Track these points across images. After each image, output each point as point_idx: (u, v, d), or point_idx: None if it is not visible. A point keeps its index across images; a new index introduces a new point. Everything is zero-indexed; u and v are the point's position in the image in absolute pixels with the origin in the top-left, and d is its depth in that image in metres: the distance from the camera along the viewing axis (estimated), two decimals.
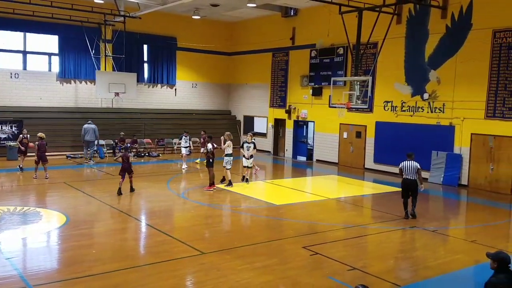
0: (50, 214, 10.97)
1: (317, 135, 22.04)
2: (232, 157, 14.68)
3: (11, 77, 21.05)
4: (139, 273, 7.52)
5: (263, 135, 24.99)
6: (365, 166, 19.69)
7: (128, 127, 23.07)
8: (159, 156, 22.12)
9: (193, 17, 22.86)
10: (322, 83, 21.37)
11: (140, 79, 23.89)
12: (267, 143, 24.85)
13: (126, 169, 13.32)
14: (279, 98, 24.18)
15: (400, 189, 11.86)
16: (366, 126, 19.66)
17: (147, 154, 22.21)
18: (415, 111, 17.75)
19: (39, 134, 15.66)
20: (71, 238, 9.28)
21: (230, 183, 14.55)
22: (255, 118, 25.93)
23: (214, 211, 11.92)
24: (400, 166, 11.53)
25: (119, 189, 13.15)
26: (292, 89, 23.39)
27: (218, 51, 26.71)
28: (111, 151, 21.69)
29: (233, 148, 15.23)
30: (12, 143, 19.24)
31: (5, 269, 7.40)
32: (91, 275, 7.27)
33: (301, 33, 22.60)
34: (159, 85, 25.34)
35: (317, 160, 21.96)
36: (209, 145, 14.31)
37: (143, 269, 7.70)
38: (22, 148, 16.71)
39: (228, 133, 15.25)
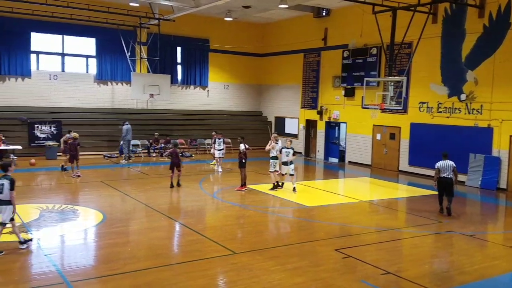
0: (88, 212, 11.30)
1: (349, 136, 21.78)
2: (277, 160, 14.34)
3: (50, 79, 21.82)
4: (171, 271, 7.63)
5: (294, 136, 24.90)
6: (399, 169, 19.30)
7: (162, 127, 23.49)
8: (192, 156, 22.40)
9: (225, 19, 23.06)
10: (355, 84, 21.11)
11: (173, 81, 24.29)
12: (298, 145, 24.73)
13: (175, 164, 14.34)
14: (310, 99, 24.05)
15: (436, 193, 11.97)
16: (400, 127, 19.28)
17: (180, 154, 22.47)
18: (452, 113, 17.27)
19: (73, 134, 16.22)
20: (107, 235, 9.53)
21: (276, 186, 14.30)
22: (286, 119, 25.89)
23: (245, 212, 11.96)
24: (437, 165, 11.92)
25: (171, 183, 14.24)
26: (323, 90, 23.22)
27: (250, 53, 26.83)
28: (146, 151, 22.15)
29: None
30: (51, 143, 19.92)
31: (43, 265, 7.66)
32: (125, 272, 7.44)
33: (333, 33, 22.40)
34: (192, 87, 25.69)
35: (350, 162, 21.70)
36: (242, 146, 14.37)
37: (175, 268, 7.81)
38: (65, 147, 16.95)
39: (275, 134, 15.22)
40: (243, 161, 14.24)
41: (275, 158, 14.31)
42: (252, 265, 7.86)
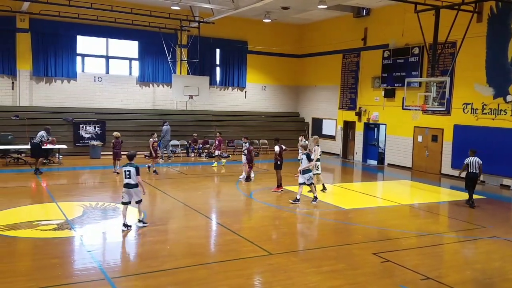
0: (128, 210, 11.57)
1: (389, 138, 21.33)
2: (319, 162, 14.27)
3: (94, 81, 22.63)
4: (208, 270, 7.74)
5: (332, 137, 24.66)
6: (442, 172, 18.71)
7: (201, 128, 23.86)
8: (229, 157, 22.58)
9: (263, 20, 23.14)
10: (395, 84, 20.66)
11: (212, 82, 24.62)
12: (336, 146, 24.49)
13: (248, 161, 15.63)
14: (349, 100, 23.74)
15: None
16: (443, 129, 18.70)
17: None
18: (497, 114, 16.59)
19: (115, 133, 16.80)
20: (147, 233, 9.77)
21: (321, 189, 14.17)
22: (323, 120, 25.67)
23: (281, 213, 11.96)
24: (466, 161, 13.03)
25: (248, 176, 15.78)
26: (362, 91, 22.86)
27: (288, 54, 26.80)
28: (185, 151, 22.58)
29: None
30: (95, 143, 20.65)
31: (86, 261, 7.93)
32: (164, 270, 7.60)
33: (374, 33, 22.03)
34: (230, 88, 25.96)
35: (389, 164, 21.25)
36: (277, 147, 14.38)
37: (211, 267, 7.92)
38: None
39: (316, 136, 15.18)
40: (279, 162, 14.24)
41: (317, 160, 13.93)
42: (287, 267, 7.86)
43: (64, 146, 19.41)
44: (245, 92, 26.38)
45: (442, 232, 10.64)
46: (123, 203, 9.89)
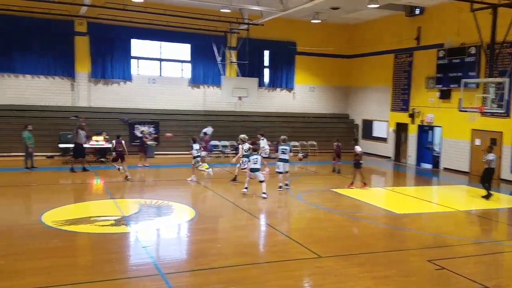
0: (181, 208, 11.94)
1: (445, 141, 20.54)
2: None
3: (148, 83, 23.40)
4: (257, 270, 7.80)
5: (383, 140, 24.08)
6: (501, 177, 17.80)
7: (249, 129, 23.98)
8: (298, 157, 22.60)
9: (312, 21, 22.99)
10: (451, 85, 19.87)
11: (260, 84, 24.76)
12: (387, 149, 23.89)
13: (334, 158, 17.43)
14: (401, 101, 23.10)
15: None
16: (502, 132, 17.79)
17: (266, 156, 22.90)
18: None
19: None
20: (198, 231, 10.00)
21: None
22: (374, 122, 25.13)
23: (331, 215, 11.84)
24: None
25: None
26: (416, 92, 22.17)
27: (337, 54, 26.47)
28: (234, 151, 22.84)
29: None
30: (149, 142, 21.33)
31: (141, 257, 8.21)
32: (214, 268, 7.73)
33: (427, 32, 21.31)
34: (278, 89, 26.00)
35: (445, 169, 20.45)
36: (358, 148, 15.01)
37: (261, 267, 7.97)
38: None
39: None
40: (360, 162, 14.82)
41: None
42: (337, 270, 7.77)
43: None
44: (293, 93, 26.32)
45: (501, 240, 10.14)
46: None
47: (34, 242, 8.75)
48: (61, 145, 19.42)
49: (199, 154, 15.98)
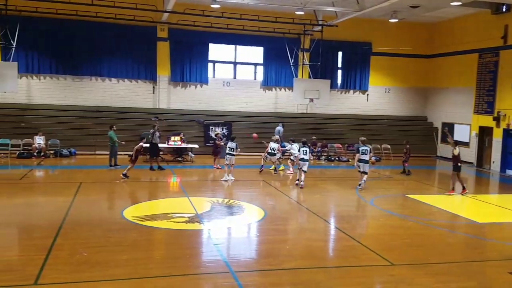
0: (251, 208, 12.16)
1: None
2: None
3: (223, 85, 24.08)
4: (326, 274, 7.74)
5: (465, 144, 22.72)
6: None
7: (320, 131, 23.87)
8: (349, 161, 22.21)
9: (390, 20, 22.30)
10: None
11: (333, 85, 24.45)
12: (469, 154, 22.48)
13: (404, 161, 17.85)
14: (485, 104, 21.65)
15: None
16: None
17: (337, 158, 22.61)
18: None
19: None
20: (268, 232, 10.14)
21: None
22: (455, 125, 23.78)
23: (405, 222, 11.41)
24: None
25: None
26: (502, 94, 20.67)
27: (415, 54, 25.43)
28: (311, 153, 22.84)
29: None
30: (223, 143, 21.92)
31: (212, 254, 8.49)
32: (283, 269, 7.81)
33: None
34: (351, 91, 25.53)
35: None
36: (457, 150, 14.81)
37: (330, 271, 7.91)
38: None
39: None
40: (459, 164, 14.51)
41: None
42: (411, 279, 7.49)
43: (196, 146, 21.00)
44: (367, 95, 25.68)
45: None
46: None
47: (115, 236, 9.36)
48: (144, 145, 20.47)
49: (275, 152, 17.33)
